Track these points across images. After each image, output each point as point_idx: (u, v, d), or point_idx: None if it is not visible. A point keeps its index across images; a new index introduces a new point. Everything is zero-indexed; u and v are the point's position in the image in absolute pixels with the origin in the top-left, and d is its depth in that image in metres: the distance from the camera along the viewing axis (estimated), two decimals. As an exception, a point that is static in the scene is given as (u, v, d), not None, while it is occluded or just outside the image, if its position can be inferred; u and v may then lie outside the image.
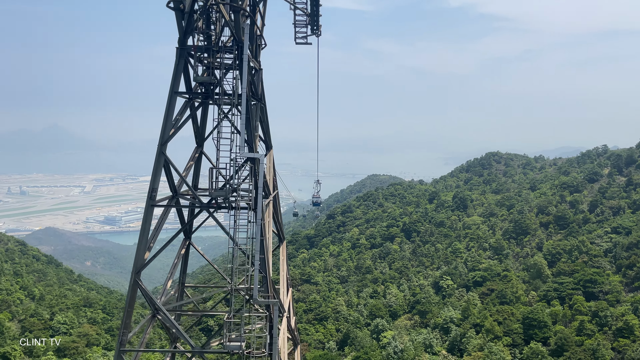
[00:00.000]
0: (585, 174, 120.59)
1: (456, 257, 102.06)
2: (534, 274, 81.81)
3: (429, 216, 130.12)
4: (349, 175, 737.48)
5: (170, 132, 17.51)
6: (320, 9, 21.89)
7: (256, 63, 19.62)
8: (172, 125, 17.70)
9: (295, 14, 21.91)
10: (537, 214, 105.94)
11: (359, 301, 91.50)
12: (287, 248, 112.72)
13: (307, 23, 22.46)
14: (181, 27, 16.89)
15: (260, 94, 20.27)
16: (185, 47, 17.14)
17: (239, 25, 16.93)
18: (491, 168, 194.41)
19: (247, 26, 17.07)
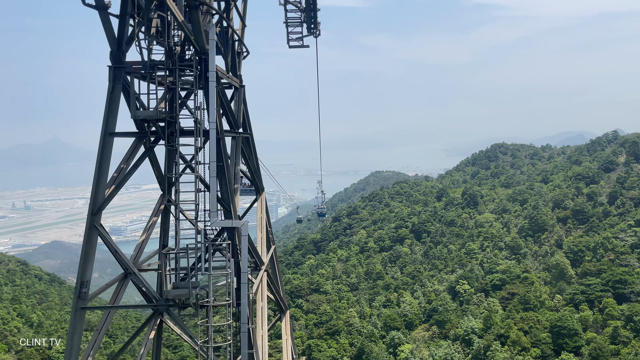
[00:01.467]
0: (600, 163, 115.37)
1: (471, 258, 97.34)
2: (557, 274, 77.00)
3: (438, 215, 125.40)
4: (352, 172, 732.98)
5: (106, 192, 12.65)
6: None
7: (235, 79, 15.00)
8: (112, 181, 12.90)
9: (286, 10, 17.29)
10: (553, 208, 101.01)
11: (371, 311, 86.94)
12: (292, 254, 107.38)
13: (301, 21, 17.92)
14: (111, 35, 11.75)
15: (243, 120, 15.65)
16: (122, 64, 12.16)
17: (198, 27, 11.77)
18: (498, 160, 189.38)
19: (213, 28, 12.24)
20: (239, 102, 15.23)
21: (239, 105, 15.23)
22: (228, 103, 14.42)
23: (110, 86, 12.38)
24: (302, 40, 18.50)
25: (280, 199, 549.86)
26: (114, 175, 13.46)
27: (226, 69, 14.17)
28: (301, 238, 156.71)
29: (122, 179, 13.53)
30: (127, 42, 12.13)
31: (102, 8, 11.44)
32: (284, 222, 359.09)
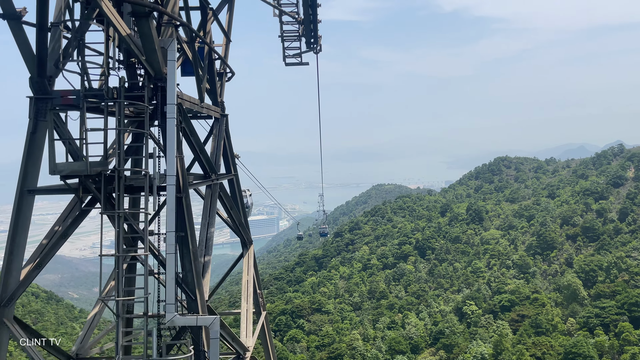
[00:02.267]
0: (608, 178, 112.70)
1: (477, 277, 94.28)
2: (569, 296, 73.99)
3: (442, 231, 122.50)
4: (353, 185, 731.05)
5: (22, 274, 9.38)
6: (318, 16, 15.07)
7: (214, 109, 12.48)
8: (36, 255, 9.65)
9: (281, 22, 14.89)
10: (562, 224, 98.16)
11: (375, 333, 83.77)
12: (294, 271, 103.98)
13: (299, 34, 15.55)
14: (29, 54, 8.54)
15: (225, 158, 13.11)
16: (47, 95, 8.92)
17: (152, 43, 8.55)
18: (501, 174, 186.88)
19: (173, 44, 9.01)
20: (218, 137, 12.48)
21: (218, 141, 12.45)
22: (200, 143, 11.27)
23: (31, 125, 9.13)
24: (300, 56, 16.11)
25: (282, 212, 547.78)
26: (43, 243, 10.16)
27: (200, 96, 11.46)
28: (302, 254, 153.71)
29: (50, 248, 10.12)
30: (55, 63, 8.94)
31: (12, 17, 8.20)
32: (286, 235, 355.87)
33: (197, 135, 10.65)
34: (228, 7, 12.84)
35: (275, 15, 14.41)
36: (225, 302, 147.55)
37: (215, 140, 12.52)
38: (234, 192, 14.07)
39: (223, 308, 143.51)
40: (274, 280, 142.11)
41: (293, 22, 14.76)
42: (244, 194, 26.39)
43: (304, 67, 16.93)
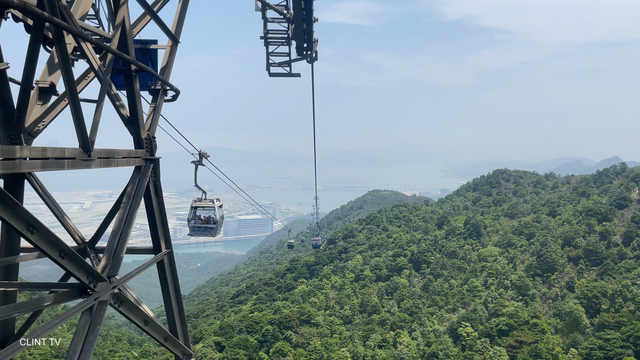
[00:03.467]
0: (612, 199, 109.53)
1: (474, 296, 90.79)
2: (570, 324, 70.50)
3: (439, 245, 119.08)
4: (349, 188, 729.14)
5: None
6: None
7: (136, 154, 9.10)
8: None
9: (265, 19, 11.05)
10: (563, 245, 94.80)
11: (366, 352, 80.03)
12: (284, 277, 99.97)
13: (288, 36, 11.85)
14: None
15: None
16: None
17: None
18: (500, 187, 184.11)
19: None
20: (135, 193, 9.21)
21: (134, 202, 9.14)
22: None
23: None
24: (289, 65, 12.31)
25: (276, 213, 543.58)
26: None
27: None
28: (294, 259, 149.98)
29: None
30: None
31: None
32: (279, 236, 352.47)
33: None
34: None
35: (258, 9, 10.50)
36: (213, 306, 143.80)
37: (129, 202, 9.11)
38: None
39: (210, 311, 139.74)
40: (264, 286, 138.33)
41: (281, 19, 11.01)
42: (210, 205, 22.01)
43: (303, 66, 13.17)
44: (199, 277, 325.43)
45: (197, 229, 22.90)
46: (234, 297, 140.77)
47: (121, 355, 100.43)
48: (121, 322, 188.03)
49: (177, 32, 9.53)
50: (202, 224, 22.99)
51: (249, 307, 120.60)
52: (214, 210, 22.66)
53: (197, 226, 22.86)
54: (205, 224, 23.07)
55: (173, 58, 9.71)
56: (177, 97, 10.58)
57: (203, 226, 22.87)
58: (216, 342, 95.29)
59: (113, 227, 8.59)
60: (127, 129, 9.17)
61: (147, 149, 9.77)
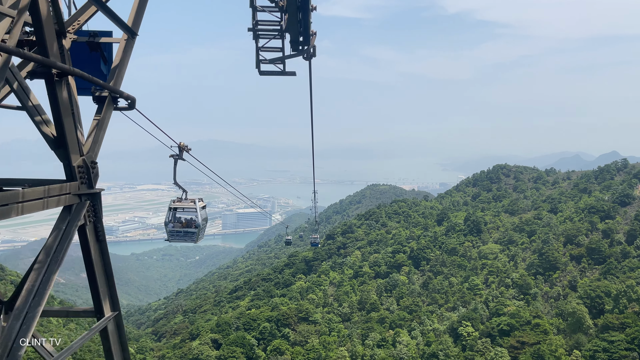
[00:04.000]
0: (614, 196, 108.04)
1: (474, 295, 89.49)
2: (573, 325, 69.18)
3: (439, 241, 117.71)
4: (347, 182, 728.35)
5: None
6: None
7: (61, 191, 7.18)
8: None
9: (254, 8, 9.26)
10: (565, 243, 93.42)
11: (364, 351, 78.77)
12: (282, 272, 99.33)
13: (281, 28, 9.99)
14: None
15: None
16: None
17: None
18: (500, 182, 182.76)
19: None
20: None
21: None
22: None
23: None
24: (282, 62, 10.50)
25: (275, 206, 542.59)
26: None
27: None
28: (292, 254, 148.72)
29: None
30: None
31: None
32: (277, 230, 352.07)
33: None
34: None
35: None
36: (210, 301, 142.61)
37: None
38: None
39: (207, 306, 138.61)
40: (262, 282, 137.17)
41: (272, 7, 9.21)
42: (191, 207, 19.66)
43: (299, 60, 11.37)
44: (197, 271, 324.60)
45: (176, 233, 20.36)
46: (232, 293, 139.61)
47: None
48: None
49: (136, 23, 7.53)
50: (182, 228, 20.45)
51: (246, 303, 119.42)
52: (195, 213, 20.09)
53: (175, 230, 20.37)
54: (185, 227, 20.55)
55: (128, 55, 7.54)
56: (133, 105, 8.45)
57: (183, 230, 20.28)
58: (213, 339, 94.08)
59: (24, 291, 6.56)
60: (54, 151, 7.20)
61: (82, 180, 7.61)
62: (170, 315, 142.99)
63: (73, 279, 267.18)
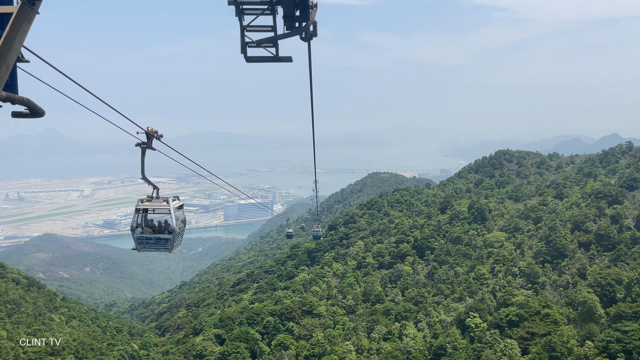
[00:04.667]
0: (622, 180, 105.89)
1: (481, 284, 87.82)
2: (584, 314, 67.49)
3: (442, 230, 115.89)
4: (348, 171, 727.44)
5: None
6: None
7: None
8: None
9: None
10: (573, 230, 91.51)
11: (370, 344, 77.33)
12: (285, 264, 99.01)
13: (271, 2, 7.50)
14: None
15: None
16: None
17: None
18: (502, 168, 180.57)
19: None
20: None
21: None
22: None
23: None
24: (274, 44, 8.21)
25: (276, 196, 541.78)
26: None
27: None
28: (295, 246, 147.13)
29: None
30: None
31: None
32: (279, 220, 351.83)
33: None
34: None
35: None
36: (213, 294, 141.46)
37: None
38: None
39: (210, 300, 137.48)
40: (265, 274, 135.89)
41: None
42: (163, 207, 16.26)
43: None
44: (200, 262, 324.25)
45: (146, 241, 16.53)
46: (235, 286, 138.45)
47: (120, 348, 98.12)
48: (123, 310, 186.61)
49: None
50: (153, 234, 16.62)
51: (249, 296, 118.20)
52: (169, 215, 16.35)
53: (145, 237, 16.53)
54: (157, 233, 16.65)
55: (25, 32, 4.76)
56: (39, 111, 6.05)
57: (154, 237, 16.48)
58: (216, 334, 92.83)
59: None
60: None
61: None
62: (174, 309, 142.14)
63: (77, 274, 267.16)
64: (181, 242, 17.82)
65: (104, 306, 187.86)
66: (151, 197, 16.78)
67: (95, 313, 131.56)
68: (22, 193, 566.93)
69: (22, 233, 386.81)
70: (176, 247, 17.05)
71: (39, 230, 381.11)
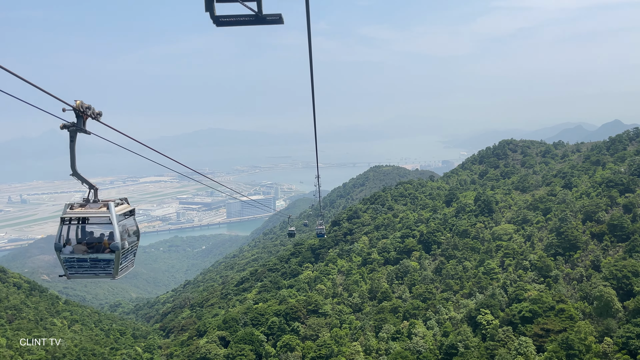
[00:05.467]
0: (633, 167, 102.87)
1: (491, 279, 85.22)
2: (601, 309, 64.87)
3: (449, 223, 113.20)
4: (350, 165, 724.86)
5: None
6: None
7: None
8: None
9: None
10: (584, 221, 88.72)
11: (379, 344, 74.93)
12: (289, 262, 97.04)
13: None
14: None
15: None
16: None
17: None
18: (507, 158, 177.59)
19: None
20: None
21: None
22: None
23: None
24: None
25: (279, 192, 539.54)
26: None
27: None
28: (298, 243, 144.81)
29: None
30: None
31: None
32: (282, 216, 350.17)
33: None
34: None
35: None
36: (217, 294, 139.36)
37: None
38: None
39: (214, 300, 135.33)
40: (268, 272, 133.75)
41: None
42: (102, 215, 12.08)
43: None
44: (204, 260, 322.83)
45: (78, 264, 12.19)
46: (239, 285, 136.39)
47: (123, 352, 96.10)
48: (128, 310, 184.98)
49: None
50: (87, 253, 12.24)
51: (253, 295, 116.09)
52: (111, 226, 12.00)
53: (76, 259, 12.24)
54: (92, 252, 12.29)
55: None
56: None
57: (89, 258, 12.18)
58: (220, 337, 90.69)
59: None
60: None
61: None
62: (178, 310, 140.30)
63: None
64: (133, 263, 13.48)
65: (108, 307, 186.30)
66: (87, 200, 12.93)
67: (99, 316, 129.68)
68: (25, 195, 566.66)
69: (26, 235, 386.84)
70: (124, 270, 12.76)
71: (43, 232, 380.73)
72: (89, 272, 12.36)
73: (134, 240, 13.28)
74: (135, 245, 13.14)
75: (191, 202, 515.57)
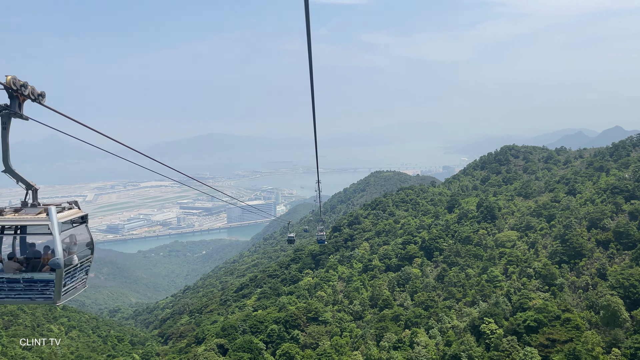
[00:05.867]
0: (638, 174, 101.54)
1: (494, 287, 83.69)
2: (608, 318, 63.32)
3: (451, 230, 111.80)
4: (350, 170, 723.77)
5: None
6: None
7: None
8: None
9: None
10: (589, 228, 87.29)
11: (380, 354, 73.30)
12: (289, 268, 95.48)
13: None
14: None
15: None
16: None
17: None
18: (509, 164, 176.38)
19: None
20: None
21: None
22: None
23: None
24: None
25: (279, 197, 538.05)
26: None
27: None
28: (298, 249, 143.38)
29: None
30: None
31: None
32: (283, 221, 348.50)
33: None
34: None
35: None
36: (216, 300, 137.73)
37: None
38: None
39: (213, 306, 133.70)
40: (268, 278, 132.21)
41: None
42: (41, 221, 9.93)
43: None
44: (204, 265, 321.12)
45: (9, 285, 9.67)
46: (238, 291, 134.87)
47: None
48: (127, 316, 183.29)
49: None
50: (18, 272, 9.81)
51: (252, 302, 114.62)
52: (52, 237, 9.73)
53: (4, 279, 9.76)
54: (25, 270, 9.88)
55: None
56: None
57: (21, 278, 9.73)
58: (219, 344, 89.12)
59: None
60: None
61: None
62: (177, 316, 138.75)
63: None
64: (85, 283, 11.10)
65: (107, 312, 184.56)
66: (26, 203, 10.77)
67: (97, 322, 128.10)
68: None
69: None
70: (70, 293, 10.33)
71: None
72: (22, 297, 9.89)
73: (86, 254, 11.08)
74: (87, 260, 11.01)
75: (192, 206, 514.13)
